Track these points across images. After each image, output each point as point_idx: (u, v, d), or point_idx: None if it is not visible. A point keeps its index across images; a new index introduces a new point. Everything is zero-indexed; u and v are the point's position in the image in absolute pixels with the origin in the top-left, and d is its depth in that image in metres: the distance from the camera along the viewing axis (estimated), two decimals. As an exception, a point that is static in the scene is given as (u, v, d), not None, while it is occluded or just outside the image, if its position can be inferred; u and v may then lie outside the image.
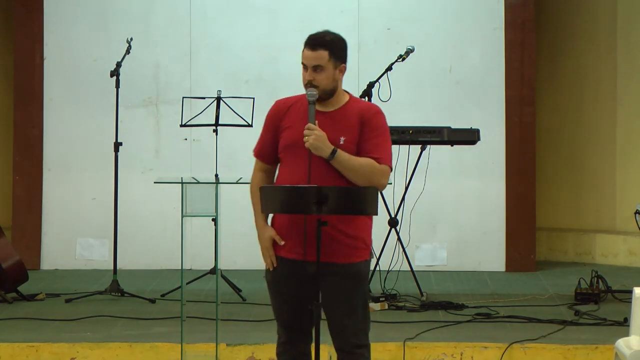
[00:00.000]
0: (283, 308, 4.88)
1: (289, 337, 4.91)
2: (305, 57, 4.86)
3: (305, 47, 4.87)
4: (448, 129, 8.23)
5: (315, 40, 4.89)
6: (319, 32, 4.94)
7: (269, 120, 4.93)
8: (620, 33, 10.14)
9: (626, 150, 10.13)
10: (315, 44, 4.87)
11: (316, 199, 4.59)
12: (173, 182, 6.91)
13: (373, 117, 4.94)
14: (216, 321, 6.64)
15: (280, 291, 4.87)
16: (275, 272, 4.88)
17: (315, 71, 4.84)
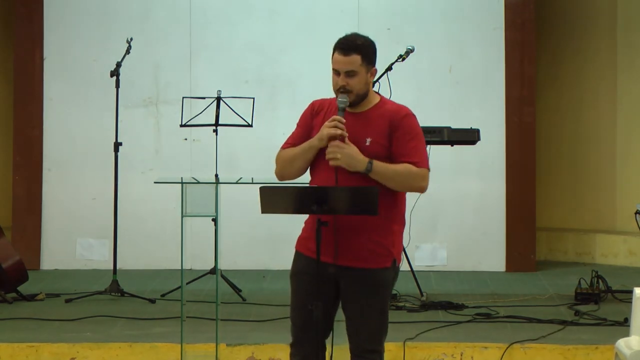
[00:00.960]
0: (299, 309, 4.83)
1: (302, 337, 4.86)
2: (338, 62, 4.80)
3: (337, 52, 4.81)
4: (448, 129, 8.23)
5: (348, 44, 4.84)
6: (349, 35, 4.90)
7: (303, 118, 4.93)
8: (620, 33, 10.14)
9: (626, 150, 10.13)
10: (348, 48, 4.82)
11: (316, 199, 4.59)
12: (173, 182, 6.91)
13: (403, 119, 4.93)
14: (216, 321, 6.64)
15: (303, 288, 4.82)
16: (300, 267, 4.87)
17: (348, 76, 4.79)
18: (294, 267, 4.92)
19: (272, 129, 9.62)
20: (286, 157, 4.87)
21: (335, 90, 4.81)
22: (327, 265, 4.72)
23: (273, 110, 9.64)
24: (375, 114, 4.86)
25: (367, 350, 4.83)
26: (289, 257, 10.26)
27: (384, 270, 4.80)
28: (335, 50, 4.83)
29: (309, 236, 4.78)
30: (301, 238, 4.90)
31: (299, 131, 4.91)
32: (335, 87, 4.81)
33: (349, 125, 4.74)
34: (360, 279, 4.76)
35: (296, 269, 4.90)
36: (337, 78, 4.80)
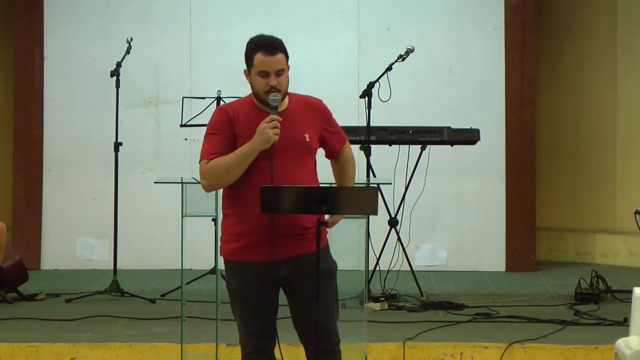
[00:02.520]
0: (255, 314, 4.81)
1: (261, 346, 4.83)
2: (267, 63, 4.76)
3: (262, 53, 4.77)
4: (448, 129, 8.24)
5: (272, 44, 4.81)
6: (263, 36, 4.85)
7: (221, 127, 4.80)
8: (620, 33, 10.13)
9: (626, 150, 10.13)
10: (274, 48, 4.80)
11: (316, 199, 4.59)
12: (173, 182, 6.91)
13: (324, 107, 4.97)
14: (216, 321, 6.65)
15: (249, 297, 4.79)
16: (242, 278, 4.78)
17: (277, 75, 4.78)
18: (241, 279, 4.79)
19: (272, 129, 9.62)
20: (221, 166, 4.76)
21: (264, 91, 4.76)
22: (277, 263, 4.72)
23: (273, 110, 9.62)
24: (297, 109, 4.86)
25: (335, 342, 4.86)
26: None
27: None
28: (258, 52, 4.78)
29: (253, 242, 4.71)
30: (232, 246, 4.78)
31: (222, 140, 4.79)
32: (264, 88, 4.76)
33: (281, 126, 4.72)
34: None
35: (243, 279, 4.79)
36: (264, 79, 4.76)
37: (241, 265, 4.77)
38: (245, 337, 4.87)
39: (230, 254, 4.80)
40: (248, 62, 4.81)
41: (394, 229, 8.20)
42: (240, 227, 4.76)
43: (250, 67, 4.80)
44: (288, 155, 4.75)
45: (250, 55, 4.79)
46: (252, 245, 4.73)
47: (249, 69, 4.82)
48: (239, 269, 4.78)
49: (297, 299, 4.82)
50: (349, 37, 9.74)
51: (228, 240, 4.81)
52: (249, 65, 4.80)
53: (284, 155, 4.74)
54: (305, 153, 4.82)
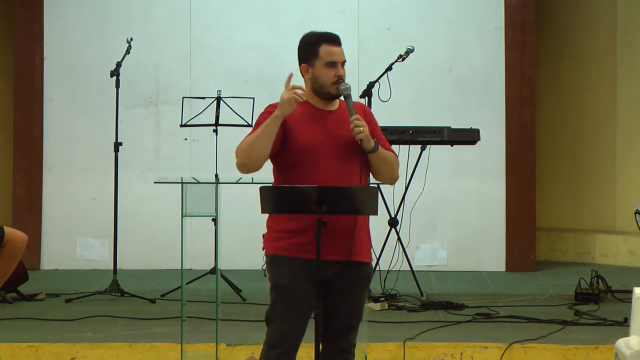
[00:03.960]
0: (300, 312, 4.77)
1: (290, 347, 4.82)
2: (334, 53, 4.78)
3: (329, 44, 4.78)
4: (448, 129, 8.23)
5: (336, 36, 4.83)
6: (322, 31, 4.87)
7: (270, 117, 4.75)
8: (620, 33, 10.14)
9: (626, 150, 10.13)
10: (337, 40, 4.83)
11: (316, 199, 4.59)
12: (173, 182, 6.90)
13: (369, 110, 5.01)
14: (216, 321, 6.64)
15: (298, 295, 4.74)
16: (294, 274, 4.74)
17: (342, 67, 4.83)
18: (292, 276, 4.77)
19: (272, 129, 9.62)
20: (248, 140, 4.69)
21: (331, 82, 4.77)
22: (327, 263, 4.70)
23: (273, 110, 9.63)
24: (345, 110, 4.84)
25: (353, 345, 4.86)
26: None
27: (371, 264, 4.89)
28: (324, 43, 4.79)
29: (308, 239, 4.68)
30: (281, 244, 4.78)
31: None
32: (332, 79, 4.77)
33: (336, 123, 4.75)
34: (359, 274, 4.78)
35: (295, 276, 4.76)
36: (332, 70, 4.77)
37: (294, 261, 4.73)
38: (280, 336, 4.80)
39: (282, 250, 4.76)
40: (311, 54, 4.78)
41: (394, 229, 8.20)
42: (294, 225, 4.73)
43: (315, 59, 4.77)
44: (336, 155, 4.74)
45: (315, 47, 4.78)
46: (306, 243, 4.68)
47: (311, 62, 4.78)
48: (291, 265, 4.74)
49: (339, 300, 4.77)
50: (349, 37, 9.73)
51: (279, 238, 4.78)
52: (313, 58, 4.77)
53: (332, 155, 4.74)
54: (354, 154, 4.77)
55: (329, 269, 4.71)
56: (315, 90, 4.82)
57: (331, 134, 4.76)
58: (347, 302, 4.78)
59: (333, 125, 4.78)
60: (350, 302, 4.78)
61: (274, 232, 4.83)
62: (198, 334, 6.94)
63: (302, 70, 4.84)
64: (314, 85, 4.81)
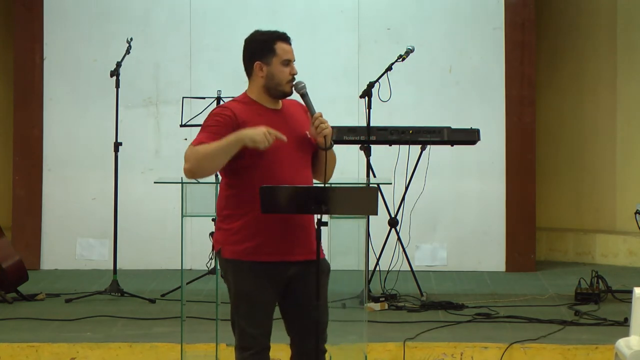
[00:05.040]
0: (264, 315, 4.77)
1: (262, 346, 4.81)
2: (290, 51, 4.76)
3: (283, 42, 4.75)
4: (448, 129, 8.23)
5: (288, 35, 4.80)
6: (274, 30, 4.84)
7: (224, 127, 4.64)
8: (620, 33, 10.13)
9: (626, 150, 10.13)
10: (289, 38, 4.80)
11: (316, 198, 4.59)
12: (173, 182, 6.90)
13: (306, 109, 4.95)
14: (216, 321, 6.65)
15: (259, 298, 4.74)
16: (253, 278, 4.72)
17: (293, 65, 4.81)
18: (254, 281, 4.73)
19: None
20: (205, 151, 4.58)
21: (286, 81, 4.74)
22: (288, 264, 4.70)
23: (273, 110, 9.63)
24: (292, 109, 4.85)
25: (325, 341, 4.85)
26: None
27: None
28: (279, 41, 4.75)
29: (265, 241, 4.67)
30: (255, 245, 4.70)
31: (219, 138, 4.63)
32: (287, 77, 4.73)
33: (282, 122, 4.73)
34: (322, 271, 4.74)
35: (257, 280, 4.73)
36: (287, 68, 4.74)
37: (253, 265, 4.70)
38: (251, 339, 4.79)
39: (240, 254, 4.70)
40: (267, 52, 4.73)
41: (394, 229, 8.20)
42: (250, 228, 4.69)
43: (272, 56, 4.73)
44: (295, 153, 4.74)
45: (270, 45, 4.74)
46: (263, 245, 4.68)
47: (267, 59, 4.73)
48: (252, 269, 4.71)
49: (300, 299, 4.76)
50: (349, 37, 9.74)
51: (236, 242, 4.71)
52: (269, 55, 4.73)
53: (292, 153, 4.72)
54: (309, 151, 4.80)
55: (290, 270, 4.70)
56: (268, 89, 4.77)
57: (285, 132, 4.70)
58: (311, 299, 4.73)
59: (284, 123, 4.74)
60: (319, 299, 4.73)
61: (231, 235, 4.73)
62: (198, 334, 6.94)
63: (255, 67, 4.75)
64: (268, 83, 4.75)
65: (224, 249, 4.75)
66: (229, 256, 4.74)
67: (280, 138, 4.61)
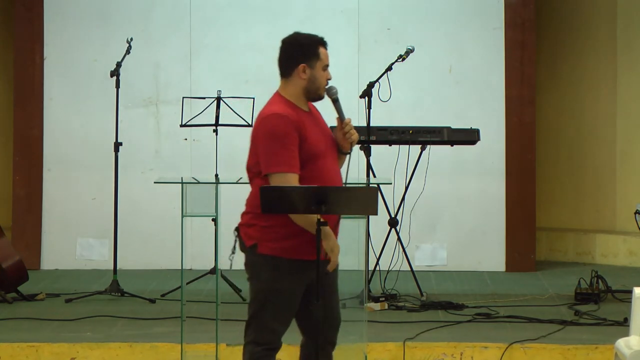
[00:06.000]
0: (292, 313, 4.86)
1: (279, 343, 4.88)
2: (328, 56, 4.88)
3: (324, 47, 4.87)
4: (448, 129, 8.24)
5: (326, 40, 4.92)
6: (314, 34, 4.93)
7: (299, 132, 4.72)
8: (620, 33, 10.14)
9: (626, 150, 10.13)
10: (327, 44, 4.92)
11: (316, 199, 4.59)
12: (173, 182, 6.91)
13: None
14: (216, 321, 6.65)
15: (292, 296, 4.82)
16: (291, 275, 4.78)
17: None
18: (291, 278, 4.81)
19: (272, 129, 9.62)
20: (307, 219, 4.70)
21: (324, 85, 4.85)
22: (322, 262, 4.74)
23: (273, 110, 9.63)
24: (314, 111, 4.97)
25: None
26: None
27: None
28: (321, 46, 4.85)
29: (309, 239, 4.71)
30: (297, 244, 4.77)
31: (296, 152, 4.71)
32: (325, 82, 4.84)
33: (315, 124, 4.85)
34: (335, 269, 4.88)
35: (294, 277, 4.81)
36: (325, 73, 4.85)
37: (292, 262, 4.76)
38: (272, 334, 4.84)
39: (281, 251, 4.76)
40: (312, 55, 4.81)
41: (394, 229, 8.20)
42: (292, 227, 4.74)
43: (316, 61, 4.82)
44: (334, 155, 4.87)
45: (314, 49, 4.82)
46: (302, 245, 4.73)
47: (312, 63, 4.82)
48: (289, 266, 4.77)
49: (328, 297, 4.85)
50: (349, 37, 9.74)
51: (276, 239, 4.76)
52: (314, 59, 4.81)
53: (331, 154, 4.85)
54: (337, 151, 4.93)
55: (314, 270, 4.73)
56: (307, 92, 4.84)
57: (325, 134, 4.85)
58: (337, 298, 4.95)
59: (317, 125, 4.86)
60: (336, 297, 4.92)
61: (273, 232, 4.79)
62: (198, 334, 6.94)
63: (299, 69, 4.81)
64: (309, 86, 4.83)
65: (262, 245, 4.80)
66: (267, 252, 4.79)
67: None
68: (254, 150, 4.82)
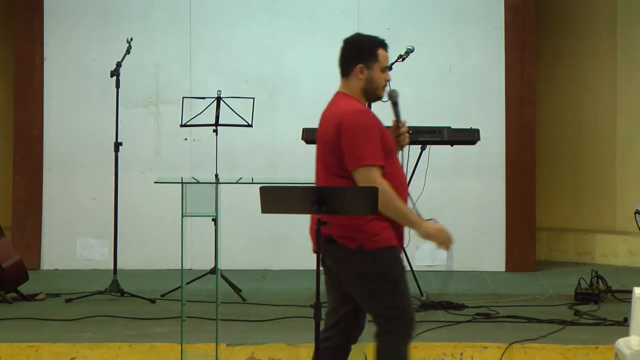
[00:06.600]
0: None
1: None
2: (387, 59, 4.97)
3: (384, 48, 4.95)
4: (448, 129, 8.23)
5: (386, 42, 5.01)
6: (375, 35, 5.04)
7: (379, 127, 4.90)
8: (620, 33, 10.14)
9: (626, 150, 10.13)
10: (388, 45, 5.01)
11: (316, 199, 4.59)
12: (173, 182, 6.91)
13: None
14: (216, 321, 6.64)
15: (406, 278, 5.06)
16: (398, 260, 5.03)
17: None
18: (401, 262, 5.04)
19: (272, 129, 9.64)
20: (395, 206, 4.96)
21: (382, 86, 4.96)
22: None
23: (273, 110, 9.65)
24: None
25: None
26: (289, 257, 10.30)
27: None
28: (380, 47, 4.94)
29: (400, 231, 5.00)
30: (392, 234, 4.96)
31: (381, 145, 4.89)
32: (383, 83, 4.95)
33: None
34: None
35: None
36: (384, 74, 4.94)
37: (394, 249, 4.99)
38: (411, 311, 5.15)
39: (393, 240, 4.96)
40: (370, 56, 4.90)
41: (394, 229, 8.19)
42: (384, 218, 4.92)
43: (374, 62, 4.90)
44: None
45: (373, 50, 4.90)
46: (400, 235, 5.01)
47: (369, 64, 4.90)
48: (398, 252, 5.02)
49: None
50: (349, 37, 9.73)
51: (387, 229, 4.94)
52: (372, 60, 4.90)
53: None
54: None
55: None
56: (366, 92, 4.95)
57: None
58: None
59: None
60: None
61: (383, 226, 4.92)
62: (198, 334, 6.94)
63: (356, 69, 4.90)
64: (367, 86, 4.94)
65: (378, 239, 4.91)
66: (385, 244, 4.93)
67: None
68: (331, 147, 4.87)
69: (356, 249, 4.87)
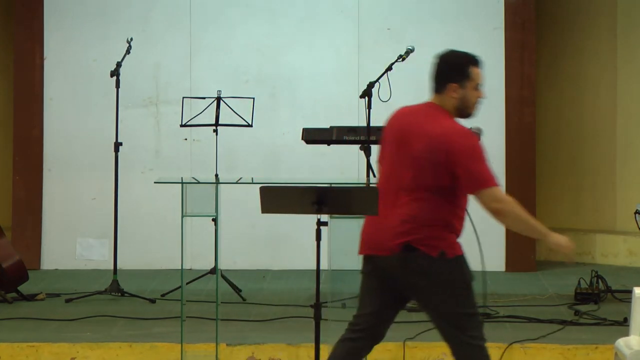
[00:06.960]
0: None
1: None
2: (481, 76, 4.99)
3: (478, 66, 4.97)
4: (448, 129, 8.22)
5: (480, 59, 5.05)
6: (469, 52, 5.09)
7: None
8: (620, 33, 10.13)
9: (626, 151, 10.13)
10: (481, 62, 5.04)
11: (316, 199, 4.59)
12: (173, 182, 6.90)
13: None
14: (216, 321, 6.64)
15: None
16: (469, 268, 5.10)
17: None
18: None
19: (272, 129, 9.63)
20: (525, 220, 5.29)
21: (474, 103, 5.00)
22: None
23: (273, 110, 9.64)
24: None
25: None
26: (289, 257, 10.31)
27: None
28: (474, 65, 4.96)
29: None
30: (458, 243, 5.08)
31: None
32: (476, 100, 4.99)
33: None
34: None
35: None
36: (477, 92, 4.97)
37: (464, 256, 5.17)
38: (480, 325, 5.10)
39: (460, 249, 5.14)
40: (462, 75, 4.93)
41: (394, 229, 8.18)
42: (460, 228, 5.20)
43: (467, 80, 4.92)
44: None
45: (467, 69, 4.93)
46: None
47: (462, 83, 4.93)
48: (464, 259, 5.18)
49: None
50: (349, 37, 9.74)
51: (455, 240, 5.14)
52: (465, 79, 4.92)
53: None
54: None
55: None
56: (459, 110, 5.00)
57: None
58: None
59: None
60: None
61: (452, 233, 5.13)
62: (198, 334, 6.94)
63: (449, 88, 4.93)
64: (460, 105, 4.98)
65: (457, 246, 5.14)
66: (454, 254, 5.11)
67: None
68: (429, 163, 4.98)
69: (438, 257, 4.97)
